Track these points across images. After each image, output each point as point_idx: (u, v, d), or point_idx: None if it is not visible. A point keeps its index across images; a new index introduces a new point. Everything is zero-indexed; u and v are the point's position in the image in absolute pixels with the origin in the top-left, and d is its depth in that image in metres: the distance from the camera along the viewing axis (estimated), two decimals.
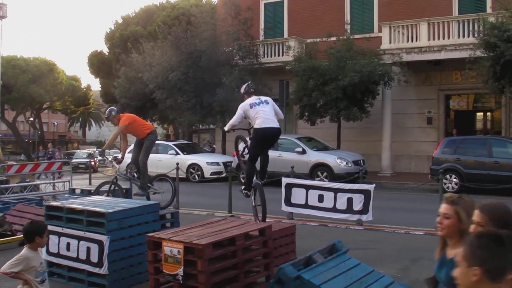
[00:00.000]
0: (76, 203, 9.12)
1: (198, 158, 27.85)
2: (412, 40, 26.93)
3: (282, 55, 30.72)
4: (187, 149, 29.29)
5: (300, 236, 10.66)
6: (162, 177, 12.76)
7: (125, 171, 13.31)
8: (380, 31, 28.48)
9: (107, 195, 11.95)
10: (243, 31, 30.63)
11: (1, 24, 23.56)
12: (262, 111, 10.64)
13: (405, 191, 22.21)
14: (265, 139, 10.73)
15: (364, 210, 13.31)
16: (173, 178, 13.61)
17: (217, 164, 27.21)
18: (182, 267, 7.08)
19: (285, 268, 6.17)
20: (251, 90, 11.08)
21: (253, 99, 10.84)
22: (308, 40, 30.46)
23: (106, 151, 12.06)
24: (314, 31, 30.05)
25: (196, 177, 27.03)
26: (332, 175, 22.29)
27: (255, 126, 10.51)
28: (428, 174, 22.12)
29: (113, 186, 12.58)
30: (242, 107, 10.73)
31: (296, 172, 16.41)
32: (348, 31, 28.22)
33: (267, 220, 10.49)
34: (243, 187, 11.33)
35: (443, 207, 4.01)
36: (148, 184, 11.09)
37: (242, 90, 11.25)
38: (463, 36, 25.40)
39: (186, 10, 39.62)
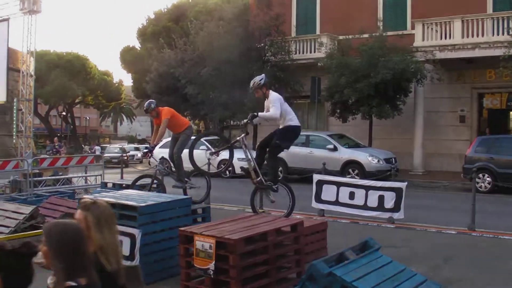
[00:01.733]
0: (108, 197, 9.17)
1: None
2: (445, 38, 26.69)
3: (314, 51, 30.66)
4: (218, 145, 29.27)
5: (331, 233, 10.61)
6: (198, 173, 12.81)
7: (158, 165, 13.32)
8: (413, 28, 28.25)
9: (149, 190, 12.02)
10: (275, 27, 30.55)
11: (35, 19, 23.63)
12: (291, 109, 10.76)
13: (437, 190, 22.06)
14: (297, 137, 10.83)
15: (395, 208, 13.21)
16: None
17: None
18: (214, 262, 7.08)
19: (317, 264, 6.15)
20: (267, 84, 11.09)
21: (280, 96, 10.89)
22: (341, 37, 30.33)
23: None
24: (347, 27, 29.89)
25: (227, 172, 27.03)
26: (364, 173, 22.20)
27: (293, 124, 10.67)
28: (461, 173, 21.93)
29: (154, 180, 12.69)
30: (279, 98, 10.83)
31: (327, 169, 16.34)
32: (381, 28, 28.07)
33: (298, 216, 10.49)
34: (264, 180, 11.39)
35: (77, 212, 3.99)
36: (186, 179, 11.13)
37: (261, 82, 11.09)
38: (497, 34, 25.13)
39: (218, 5, 39.64)
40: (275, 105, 10.54)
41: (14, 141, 26.78)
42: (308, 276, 6.18)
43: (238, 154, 28.06)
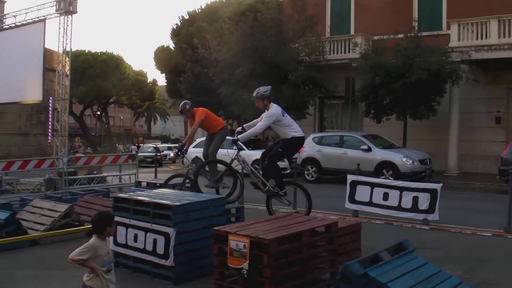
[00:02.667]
0: (143, 195, 9.23)
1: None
2: (481, 38, 26.40)
3: (349, 52, 30.57)
4: (252, 145, 29.31)
5: (364, 234, 10.56)
6: (232, 172, 12.80)
7: (191, 165, 13.38)
8: (448, 28, 27.98)
9: (180, 189, 12.05)
10: (310, 27, 30.47)
11: (71, 19, 23.85)
12: (293, 121, 10.77)
13: (472, 192, 21.82)
14: (299, 148, 10.86)
15: (430, 210, 13.11)
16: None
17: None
18: (248, 262, 7.09)
19: (351, 265, 6.12)
20: (271, 96, 10.95)
21: (278, 107, 10.79)
22: (375, 37, 30.19)
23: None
24: (381, 28, 29.72)
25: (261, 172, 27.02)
26: (398, 174, 22.01)
27: (296, 135, 10.70)
28: (496, 174, 21.66)
29: (185, 179, 12.73)
30: (274, 114, 10.62)
31: (361, 170, 16.24)
32: (416, 28, 27.81)
33: (332, 216, 10.43)
34: (272, 188, 11.45)
35: None
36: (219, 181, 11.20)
37: (265, 93, 10.90)
38: None
39: (252, 6, 39.69)
40: (266, 120, 10.57)
41: (49, 140, 27.01)
42: (343, 277, 6.16)
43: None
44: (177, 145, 45.70)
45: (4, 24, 27.71)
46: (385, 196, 13.83)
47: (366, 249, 9.93)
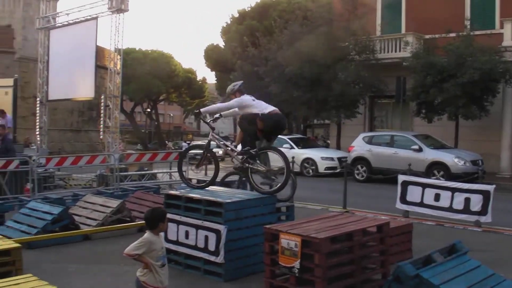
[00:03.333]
0: (194, 193, 9.27)
1: (313, 153, 27.87)
2: None
3: (399, 51, 30.25)
4: (302, 144, 29.32)
5: (416, 234, 10.49)
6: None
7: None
8: (501, 27, 27.46)
9: (238, 187, 12.06)
10: (360, 26, 30.27)
11: (122, 17, 24.05)
12: (265, 104, 10.31)
13: None
14: (276, 125, 10.24)
15: (483, 211, 12.92)
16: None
17: (332, 159, 27.12)
18: (299, 260, 7.09)
19: (404, 266, 6.08)
20: (242, 89, 10.48)
21: (250, 96, 10.40)
22: (426, 36, 29.83)
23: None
24: (433, 26, 29.36)
25: (310, 171, 27.04)
26: (449, 174, 21.73)
27: (266, 111, 9.93)
28: None
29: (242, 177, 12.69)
30: (241, 100, 10.12)
31: (412, 170, 16.08)
32: (468, 27, 27.39)
33: (383, 216, 10.28)
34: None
35: None
36: (272, 177, 11.06)
37: (235, 88, 10.48)
38: None
39: (302, 5, 39.60)
40: (234, 100, 10.06)
41: (101, 136, 27.32)
42: (395, 277, 6.13)
43: (321, 153, 28.11)
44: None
45: (57, 22, 28.08)
46: (437, 197, 13.67)
47: (417, 250, 9.86)
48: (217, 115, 10.25)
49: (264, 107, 10.01)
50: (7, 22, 46.47)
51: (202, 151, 10.74)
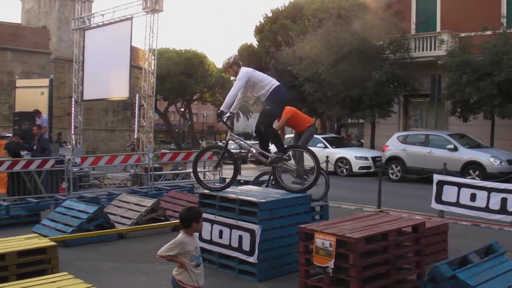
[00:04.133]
0: (228, 192, 9.27)
1: (347, 152, 27.76)
2: None
3: (434, 49, 30.03)
4: (336, 143, 29.21)
5: (451, 235, 10.41)
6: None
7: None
8: None
9: (266, 186, 12.04)
10: (395, 24, 30.04)
11: (157, 17, 24.20)
12: (266, 75, 9.99)
13: None
14: (285, 99, 9.99)
15: None
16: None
17: (366, 158, 26.99)
18: (333, 260, 7.05)
19: (440, 267, 6.03)
20: (239, 62, 10.08)
21: (248, 68, 9.92)
22: (462, 34, 29.56)
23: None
24: (468, 24, 29.10)
25: (344, 171, 26.95)
26: (485, 174, 21.46)
27: (274, 86, 9.64)
28: None
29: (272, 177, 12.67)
30: (245, 73, 9.68)
31: (447, 170, 15.92)
32: (504, 24, 27.06)
33: (417, 216, 10.18)
34: (273, 155, 9.83)
35: None
36: (304, 176, 10.97)
37: (230, 60, 9.99)
38: None
39: (336, 3, 39.44)
40: (237, 81, 9.58)
41: (135, 136, 27.54)
42: (431, 278, 6.09)
43: (356, 152, 28.02)
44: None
45: (92, 23, 28.34)
46: (473, 197, 13.51)
47: (452, 251, 9.79)
48: (228, 114, 9.99)
49: (270, 78, 9.84)
50: (43, 23, 47.05)
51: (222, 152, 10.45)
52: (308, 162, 10.67)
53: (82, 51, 28.57)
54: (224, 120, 9.81)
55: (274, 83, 9.67)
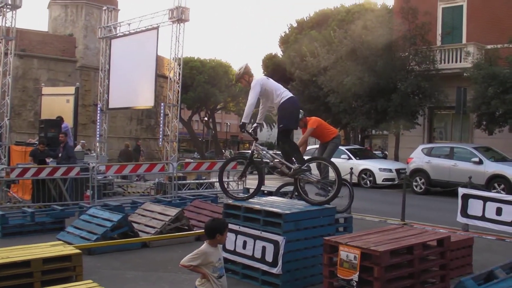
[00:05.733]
0: (253, 203, 9.27)
1: (371, 164, 27.67)
2: None
3: (460, 61, 29.89)
4: (359, 154, 29.11)
5: (476, 249, 10.30)
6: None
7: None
8: None
9: (291, 197, 12.01)
10: (420, 36, 29.92)
11: (183, 27, 24.30)
12: (278, 84, 9.93)
13: None
14: (297, 110, 9.93)
15: None
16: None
17: (390, 170, 26.88)
18: (358, 273, 7.02)
19: (465, 282, 5.99)
20: (250, 72, 9.92)
21: (260, 76, 9.99)
22: (488, 46, 29.41)
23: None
24: (495, 36, 28.96)
25: (368, 182, 26.85)
26: (510, 188, 21.27)
27: (285, 98, 9.60)
28: None
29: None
30: (258, 82, 9.63)
31: (473, 183, 15.78)
32: None
33: (442, 230, 10.09)
34: (294, 166, 9.67)
35: None
36: (328, 188, 10.93)
37: (240, 71, 9.96)
38: None
39: (361, 14, 39.40)
40: (251, 91, 9.50)
41: (160, 144, 27.63)
42: None
43: (379, 164, 27.91)
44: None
45: (118, 32, 28.52)
46: (498, 211, 13.36)
47: (477, 265, 9.71)
48: (255, 125, 10.15)
49: (283, 89, 9.80)
50: (69, 31, 47.49)
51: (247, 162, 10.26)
52: (333, 173, 10.61)
53: (108, 60, 28.75)
54: (250, 131, 9.86)
55: (285, 95, 9.63)
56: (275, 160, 9.92)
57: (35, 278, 8.30)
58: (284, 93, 9.66)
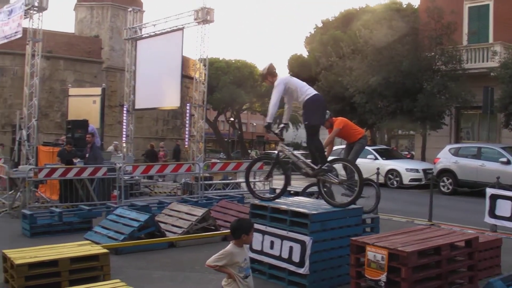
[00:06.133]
0: (280, 203, 9.27)
1: (397, 164, 27.51)
2: None
3: (487, 60, 29.67)
4: (386, 155, 28.96)
5: (504, 250, 10.19)
6: (368, 182, 12.39)
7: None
8: None
9: (317, 197, 11.98)
10: (446, 35, 29.69)
11: (208, 28, 24.39)
12: (303, 82, 9.87)
13: None
14: (323, 106, 9.83)
15: None
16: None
17: (417, 171, 26.70)
18: (385, 273, 7.00)
19: (494, 283, 5.95)
20: (275, 71, 9.95)
21: (284, 75, 9.97)
22: None
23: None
24: None
25: (395, 183, 26.71)
26: None
27: (309, 96, 9.53)
28: None
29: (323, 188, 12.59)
30: (281, 81, 9.63)
31: (501, 183, 15.63)
32: None
33: (470, 231, 10.00)
34: (317, 166, 9.62)
35: None
36: (355, 188, 10.87)
37: (263, 72, 10.01)
38: None
39: (387, 14, 39.22)
40: (274, 90, 9.55)
41: (186, 145, 27.72)
42: None
43: (406, 164, 27.74)
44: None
45: (144, 33, 28.68)
46: None
47: (506, 266, 9.63)
48: (281, 125, 10.32)
49: (307, 86, 9.75)
50: (95, 33, 47.77)
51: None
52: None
53: (133, 61, 28.92)
54: (276, 132, 9.94)
55: (309, 93, 9.58)
56: (299, 160, 9.91)
57: (63, 278, 8.38)
58: (308, 91, 9.62)
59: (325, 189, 9.87)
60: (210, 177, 21.68)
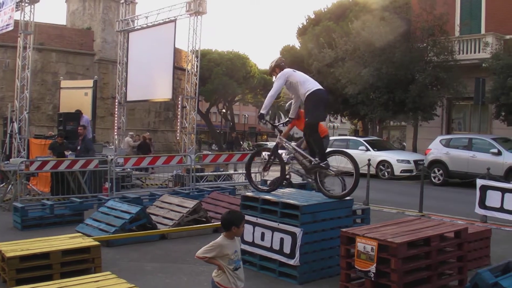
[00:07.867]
0: (270, 195, 9.30)
1: (388, 155, 27.58)
2: None
3: (479, 51, 29.71)
4: (377, 146, 29.00)
5: (494, 240, 10.26)
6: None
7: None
8: None
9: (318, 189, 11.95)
10: (438, 26, 29.68)
11: (200, 20, 24.36)
12: (307, 76, 9.87)
13: None
14: (323, 102, 9.81)
15: None
16: (364, 174, 13.39)
17: (408, 162, 26.77)
18: (375, 264, 7.03)
19: (482, 274, 5.96)
20: (283, 64, 10.02)
21: (288, 69, 9.88)
22: (507, 37, 29.22)
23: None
24: None
25: (386, 174, 26.78)
26: None
27: (311, 90, 9.46)
28: None
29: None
30: (283, 74, 9.70)
31: (491, 174, 15.68)
32: None
33: (460, 221, 10.04)
34: (315, 160, 9.61)
35: None
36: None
37: (272, 64, 10.07)
38: None
39: (379, 5, 39.20)
40: (276, 82, 9.70)
41: (177, 137, 27.73)
42: (473, 285, 6.02)
43: (397, 155, 27.78)
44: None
45: (136, 25, 28.64)
46: None
47: (495, 257, 9.68)
48: (286, 119, 10.54)
49: (311, 80, 9.72)
50: (87, 25, 47.64)
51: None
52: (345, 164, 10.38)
53: (126, 53, 28.89)
54: (276, 125, 10.32)
55: (310, 88, 9.52)
56: (297, 153, 9.94)
57: (54, 270, 8.40)
58: (310, 85, 9.58)
59: (321, 180, 9.86)
60: (202, 169, 21.68)
